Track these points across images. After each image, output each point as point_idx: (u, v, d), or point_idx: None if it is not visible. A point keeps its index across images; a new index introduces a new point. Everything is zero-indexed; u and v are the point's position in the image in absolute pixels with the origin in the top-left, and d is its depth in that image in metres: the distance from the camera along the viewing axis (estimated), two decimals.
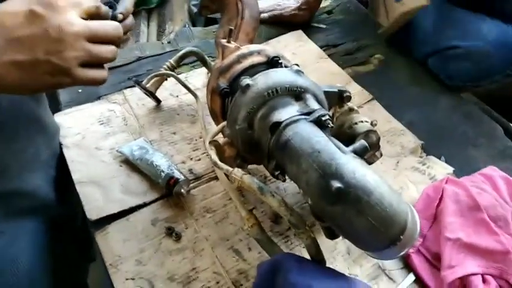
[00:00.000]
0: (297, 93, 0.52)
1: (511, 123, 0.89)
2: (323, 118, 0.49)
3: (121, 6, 0.51)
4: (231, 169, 0.51)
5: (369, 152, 0.55)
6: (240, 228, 0.63)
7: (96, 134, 0.75)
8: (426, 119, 0.82)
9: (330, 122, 0.50)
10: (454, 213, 0.61)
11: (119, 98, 0.83)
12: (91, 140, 0.74)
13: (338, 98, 0.59)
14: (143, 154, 0.69)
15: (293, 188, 0.68)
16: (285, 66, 0.57)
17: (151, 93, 0.78)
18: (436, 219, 0.63)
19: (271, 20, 1.03)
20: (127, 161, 0.70)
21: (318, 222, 0.50)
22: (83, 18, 0.45)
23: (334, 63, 0.92)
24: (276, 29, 1.02)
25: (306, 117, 0.50)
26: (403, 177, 0.71)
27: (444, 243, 0.58)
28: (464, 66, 0.85)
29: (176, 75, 0.78)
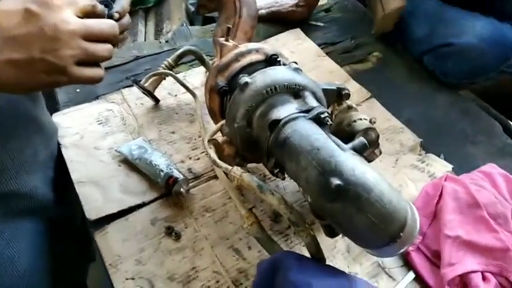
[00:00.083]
0: (296, 91, 0.52)
1: (509, 120, 0.89)
2: (322, 115, 0.49)
3: (118, 5, 0.51)
4: (230, 168, 0.51)
5: (369, 149, 0.55)
6: (239, 227, 0.63)
7: (94, 134, 0.75)
8: (425, 116, 0.82)
9: (329, 120, 0.50)
10: (453, 210, 0.61)
11: (118, 97, 0.82)
12: (89, 139, 0.74)
13: (337, 96, 0.59)
14: (142, 154, 0.68)
15: (293, 186, 0.68)
16: (284, 64, 0.57)
17: (149, 93, 0.78)
18: (436, 217, 0.63)
19: (269, 16, 1.03)
20: (126, 160, 0.70)
21: (317, 220, 0.50)
22: (79, 16, 0.44)
23: (332, 61, 0.92)
24: (274, 28, 1.02)
25: (305, 114, 0.50)
26: (402, 175, 0.71)
27: (443, 240, 0.58)
28: (459, 63, 0.86)
29: (175, 74, 0.78)
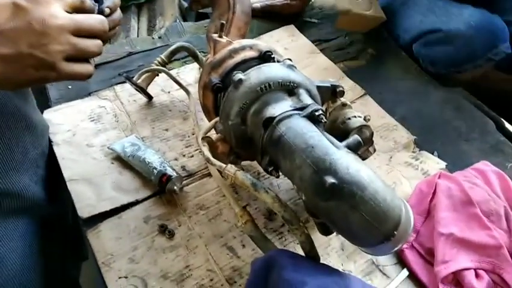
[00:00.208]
0: (290, 88, 0.52)
1: (502, 118, 0.89)
2: (316, 113, 0.49)
3: (108, 0, 0.50)
4: (224, 165, 0.50)
5: (363, 147, 0.55)
6: (233, 225, 0.63)
7: (87, 131, 0.74)
8: (418, 113, 0.83)
9: (324, 117, 0.50)
10: (447, 208, 0.61)
11: (110, 94, 0.82)
12: (81, 136, 0.73)
13: (331, 93, 0.58)
14: (135, 151, 0.68)
15: (287, 184, 0.68)
16: (278, 61, 0.57)
17: (142, 89, 0.77)
18: (429, 215, 0.63)
19: (263, 10, 1.03)
20: (119, 158, 0.70)
21: (312, 218, 0.50)
22: (68, 11, 0.44)
23: (326, 58, 0.92)
24: (268, 24, 1.01)
25: (299, 112, 0.49)
26: (396, 172, 0.71)
27: (437, 238, 0.58)
28: (447, 50, 0.86)
29: (168, 70, 0.77)
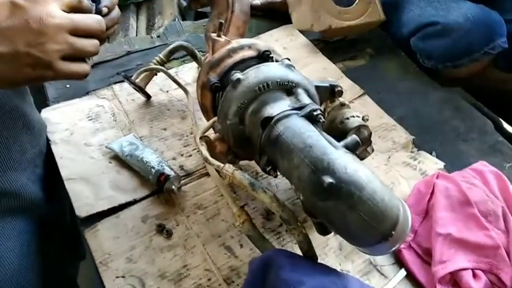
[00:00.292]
0: (289, 88, 0.52)
1: (500, 118, 0.89)
2: (315, 113, 0.49)
3: (106, 0, 0.50)
4: (222, 165, 0.50)
5: (361, 147, 0.55)
6: (231, 225, 0.63)
7: (85, 130, 0.74)
8: (417, 114, 0.83)
9: (322, 117, 0.50)
10: (445, 208, 0.61)
11: (108, 93, 0.81)
12: (79, 136, 0.73)
13: (330, 93, 0.58)
14: (133, 150, 0.68)
15: (285, 184, 0.68)
16: (276, 61, 0.57)
17: (140, 89, 0.77)
18: (427, 215, 0.63)
19: (264, 7, 1.03)
20: (117, 157, 0.69)
21: (310, 218, 0.50)
22: (65, 11, 0.44)
23: (325, 58, 0.92)
24: (267, 23, 1.01)
25: (298, 112, 0.49)
26: (394, 172, 0.71)
27: (435, 238, 0.58)
28: (444, 43, 0.87)
29: (166, 70, 0.77)
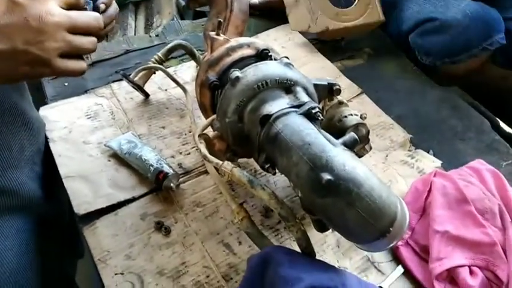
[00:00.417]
0: (287, 86, 0.52)
1: (497, 118, 0.89)
2: (313, 111, 0.49)
3: None
4: (220, 162, 0.50)
5: (359, 145, 0.55)
6: (230, 222, 0.63)
7: (83, 128, 0.74)
8: (414, 112, 0.83)
9: (320, 115, 0.50)
10: (442, 206, 0.61)
11: (107, 91, 0.81)
12: (78, 134, 0.73)
13: (328, 91, 0.58)
14: (132, 148, 0.68)
15: (283, 181, 0.68)
16: (275, 59, 0.57)
17: (139, 87, 0.77)
18: (425, 212, 0.63)
19: (262, 6, 1.03)
20: (115, 155, 0.70)
21: (308, 215, 0.50)
22: (63, 8, 0.44)
23: (323, 57, 0.92)
24: (266, 23, 1.01)
25: (296, 109, 0.50)
26: (392, 170, 0.71)
27: (432, 235, 0.59)
28: (443, 39, 0.87)
29: (165, 68, 0.77)
